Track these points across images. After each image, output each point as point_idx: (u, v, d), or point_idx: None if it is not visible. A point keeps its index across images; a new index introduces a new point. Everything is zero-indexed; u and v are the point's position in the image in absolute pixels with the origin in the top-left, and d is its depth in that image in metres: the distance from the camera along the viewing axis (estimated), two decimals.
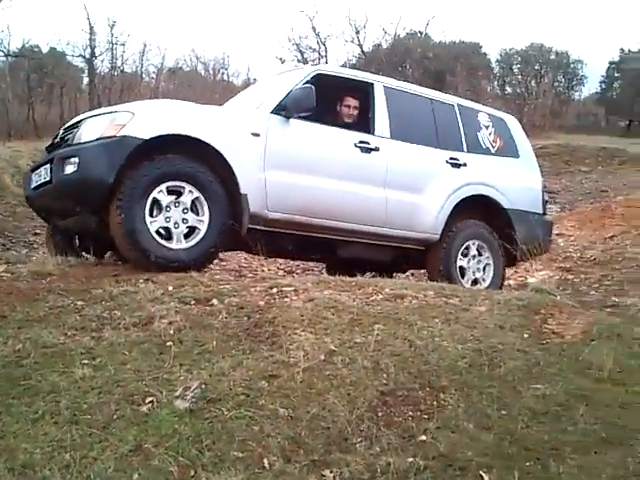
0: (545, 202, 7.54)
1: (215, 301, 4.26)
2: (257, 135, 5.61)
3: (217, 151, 5.33)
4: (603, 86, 46.93)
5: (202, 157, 5.29)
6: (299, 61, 36.29)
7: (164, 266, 4.91)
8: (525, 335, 4.06)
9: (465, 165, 6.84)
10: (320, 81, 6.10)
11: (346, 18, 35.53)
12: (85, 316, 4.10)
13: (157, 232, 5.01)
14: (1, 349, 3.76)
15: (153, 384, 3.46)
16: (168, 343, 3.80)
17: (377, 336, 3.86)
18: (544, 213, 7.49)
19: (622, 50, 46.50)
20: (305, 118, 5.91)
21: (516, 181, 7.15)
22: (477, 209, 6.82)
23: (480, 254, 6.77)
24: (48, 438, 3.15)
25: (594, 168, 20.34)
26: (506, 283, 7.31)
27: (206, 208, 5.20)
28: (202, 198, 5.20)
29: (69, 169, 5.05)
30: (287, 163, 5.73)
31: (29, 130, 22.14)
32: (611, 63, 46.93)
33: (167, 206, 5.08)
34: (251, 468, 3.00)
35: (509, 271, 7.78)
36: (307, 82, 5.99)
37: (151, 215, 5.02)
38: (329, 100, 6.47)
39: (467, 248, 6.67)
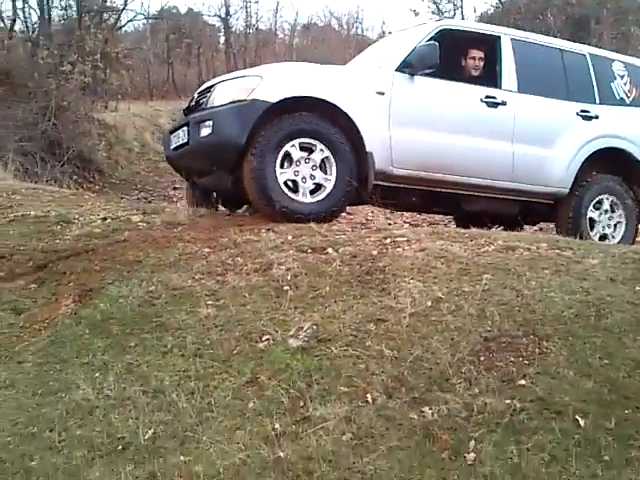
0: None
1: (330, 250, 4.48)
2: (382, 94, 5.69)
3: (343, 111, 5.47)
4: None
5: (329, 117, 5.45)
6: (433, 13, 35.45)
7: (288, 217, 5.16)
8: (637, 288, 4.03)
9: (597, 117, 6.70)
10: (444, 37, 6.11)
11: None
12: (211, 262, 4.44)
13: (285, 184, 5.25)
14: (136, 290, 4.18)
15: (270, 324, 3.75)
16: (285, 287, 4.07)
17: (485, 285, 3.96)
18: None
19: None
20: (430, 75, 5.92)
21: None
22: (611, 163, 6.72)
23: (613, 210, 6.68)
24: (176, 368, 3.53)
25: None
26: None
27: (334, 167, 5.38)
28: (331, 157, 5.37)
29: (204, 132, 5.37)
30: (412, 120, 5.78)
31: (169, 90, 23.09)
32: None
33: (297, 160, 5.31)
34: (355, 402, 3.22)
35: None
36: (431, 39, 6.00)
37: (281, 167, 5.27)
38: (454, 55, 6.48)
39: (599, 202, 6.61)
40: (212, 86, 5.78)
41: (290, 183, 5.30)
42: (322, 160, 5.37)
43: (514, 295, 3.89)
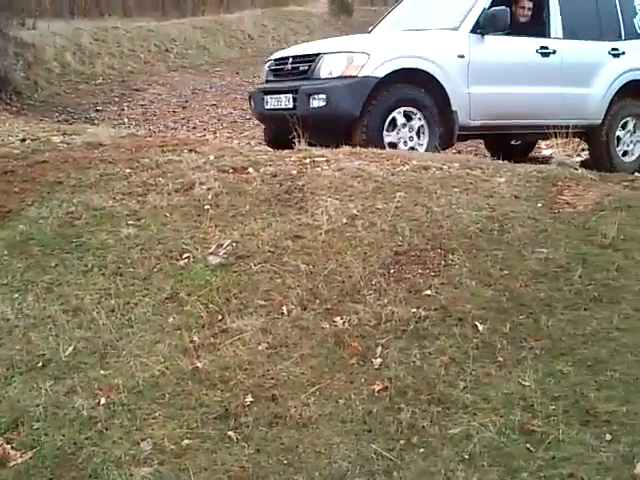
0: None
1: (251, 169, 4.59)
2: (462, 57, 6.32)
3: (435, 78, 6.12)
4: None
5: (424, 85, 6.10)
6: None
7: None
8: (539, 205, 4.28)
9: (624, 53, 7.40)
10: None
11: None
12: (132, 182, 4.50)
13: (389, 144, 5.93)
14: (56, 211, 4.23)
15: (190, 242, 3.87)
16: (206, 207, 4.18)
17: (397, 203, 4.15)
18: None
19: None
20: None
21: None
22: (634, 90, 7.45)
23: (635, 131, 7.58)
24: (96, 287, 3.63)
25: None
26: None
27: (427, 131, 6.10)
28: (425, 123, 6.09)
29: (316, 103, 5.94)
30: (485, 77, 6.42)
31: (91, 6, 22.25)
32: None
33: (400, 126, 6.00)
34: (271, 314, 3.40)
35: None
36: None
37: (387, 131, 5.95)
38: (508, 3, 6.94)
39: (625, 123, 7.50)
40: (315, 55, 6.26)
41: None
42: (418, 126, 6.09)
43: (424, 212, 4.09)
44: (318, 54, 6.24)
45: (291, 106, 6.17)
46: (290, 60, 6.58)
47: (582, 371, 3.20)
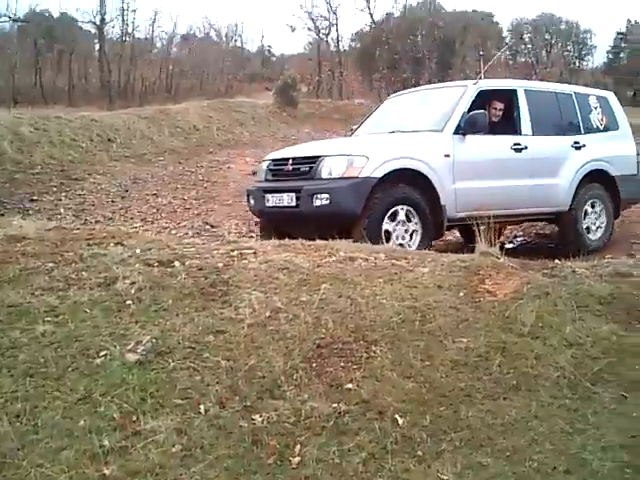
0: (638, 164, 9.06)
1: (177, 263, 4.54)
2: (448, 156, 7.05)
3: (426, 177, 6.82)
4: (610, 56, 47.23)
5: (417, 183, 6.78)
6: (310, 29, 36.24)
7: None
8: (460, 294, 4.33)
9: (584, 146, 8.37)
10: (480, 95, 7.61)
11: None
12: (54, 277, 4.39)
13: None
14: None
15: (108, 339, 3.77)
16: (127, 302, 4.09)
17: (322, 295, 4.14)
18: (638, 173, 9.02)
19: (629, 21, 46.70)
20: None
21: (619, 151, 8.76)
22: (595, 177, 8.43)
23: (599, 212, 8.52)
24: (3, 390, 3.41)
25: None
26: None
27: (419, 225, 6.76)
28: (418, 218, 6.75)
29: (319, 202, 6.51)
30: (468, 173, 7.14)
31: (36, 96, 22.37)
32: (618, 33, 47.20)
33: (397, 223, 6.67)
34: (188, 413, 3.30)
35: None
36: (474, 100, 7.46)
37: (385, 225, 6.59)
38: (484, 106, 7.83)
39: (591, 205, 8.45)
40: (315, 157, 6.83)
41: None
42: (411, 222, 6.76)
43: (348, 303, 4.09)
44: (319, 156, 6.80)
45: (294, 204, 6.75)
46: (291, 161, 7.11)
47: (501, 462, 3.20)
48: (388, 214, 6.60)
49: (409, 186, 6.75)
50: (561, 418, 3.49)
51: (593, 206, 8.51)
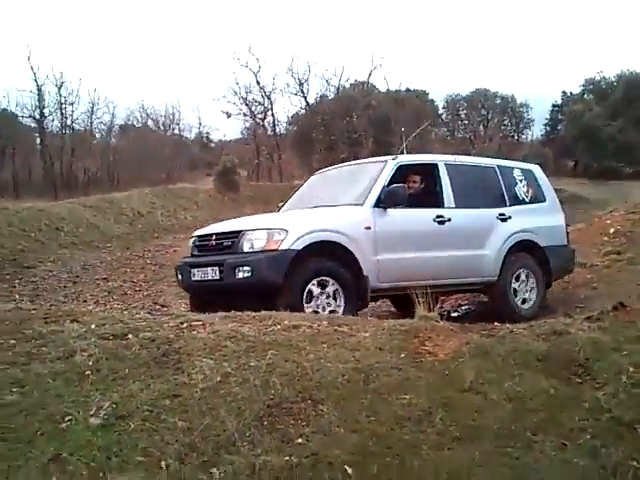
0: (567, 234, 9.41)
1: (130, 336, 4.81)
2: (369, 228, 7.24)
3: (347, 249, 6.99)
4: (548, 128, 48.35)
5: (337, 255, 6.95)
6: (245, 115, 36.99)
7: None
8: (402, 355, 4.68)
9: (510, 218, 8.58)
10: (400, 169, 7.88)
11: (289, 71, 36.37)
12: (16, 352, 4.61)
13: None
14: None
15: (72, 405, 4.00)
16: (87, 372, 4.34)
17: (269, 360, 4.45)
18: (568, 243, 9.40)
19: (564, 92, 48.14)
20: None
21: (546, 222, 8.98)
22: (523, 248, 8.65)
23: (528, 281, 8.71)
24: None
25: None
26: None
27: (343, 296, 6.88)
28: (340, 289, 6.87)
29: (241, 275, 6.69)
30: (390, 245, 7.34)
31: None
32: (554, 106, 48.45)
33: (317, 295, 6.81)
34: (150, 469, 3.55)
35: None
36: (394, 174, 7.69)
37: (307, 302, 6.74)
38: (405, 180, 8.11)
39: (518, 276, 8.61)
40: (237, 232, 7.05)
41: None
42: (334, 292, 6.88)
43: (295, 367, 4.40)
44: (240, 231, 7.01)
45: (217, 277, 6.91)
46: (214, 237, 7.31)
47: None
48: (309, 285, 6.76)
49: (330, 258, 6.94)
50: (503, 465, 3.79)
51: (523, 276, 8.65)
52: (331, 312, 6.73)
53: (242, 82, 37.43)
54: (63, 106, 34.49)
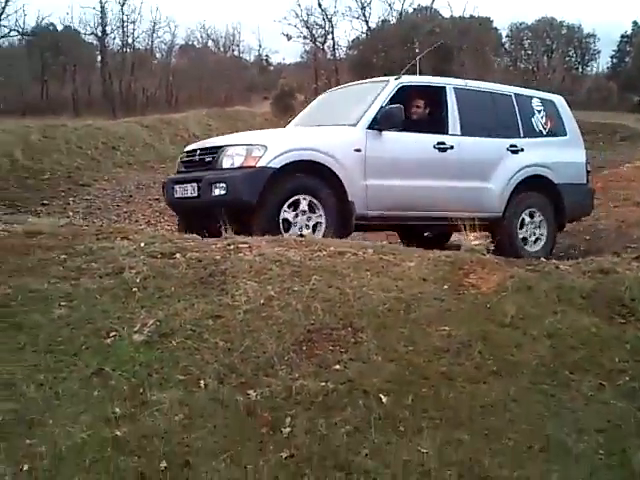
0: (588, 172, 8.71)
1: (178, 255, 4.88)
2: (359, 150, 6.80)
3: (331, 170, 6.58)
4: (615, 61, 46.34)
5: (320, 174, 6.56)
6: (305, 37, 36.44)
7: None
8: (445, 286, 4.65)
9: (522, 150, 7.95)
10: (403, 91, 7.33)
11: None
12: (67, 267, 4.74)
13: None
14: None
15: (117, 322, 4.11)
16: (134, 289, 4.44)
17: (313, 285, 4.47)
18: (587, 182, 8.70)
19: (635, 23, 45.88)
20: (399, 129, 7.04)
21: (564, 158, 8.30)
22: (534, 184, 8.02)
23: (532, 217, 8.05)
24: (27, 363, 3.81)
25: (594, 144, 20.57)
26: None
27: (324, 219, 6.54)
28: (322, 211, 6.52)
29: (217, 192, 6.37)
30: (382, 170, 6.89)
31: (43, 107, 22.79)
32: (623, 36, 46.27)
33: (296, 214, 6.47)
34: (189, 387, 3.64)
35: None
36: (393, 95, 7.16)
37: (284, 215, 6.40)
38: (410, 106, 7.64)
39: (527, 213, 8.00)
40: (218, 147, 6.74)
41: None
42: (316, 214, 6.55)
43: (337, 293, 4.42)
44: (221, 146, 6.72)
45: (196, 195, 6.63)
46: (198, 152, 7.05)
47: (478, 439, 3.51)
48: (287, 203, 6.43)
49: (313, 178, 6.57)
50: (538, 402, 3.80)
51: (531, 215, 8.06)
52: (301, 236, 6.27)
53: (304, 4, 36.84)
54: (125, 24, 34.51)
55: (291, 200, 6.43)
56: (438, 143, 7.32)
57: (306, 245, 5.14)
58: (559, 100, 8.85)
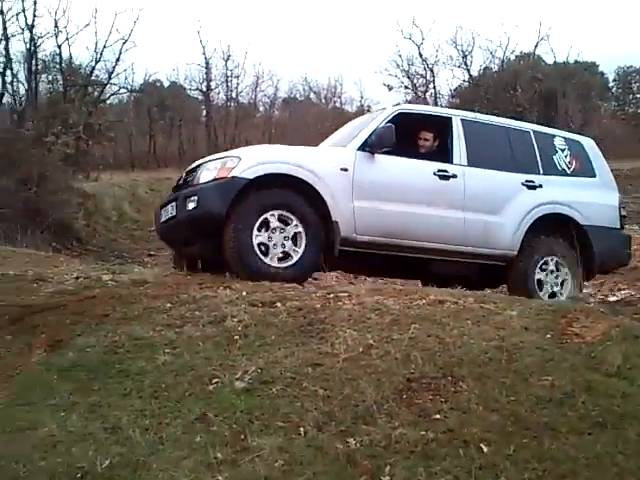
0: (623, 217, 7.93)
1: (279, 304, 4.98)
2: (345, 170, 6.44)
3: (313, 187, 6.24)
4: None
5: (299, 190, 6.22)
6: (406, 87, 36.69)
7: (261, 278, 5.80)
8: (547, 335, 4.54)
9: (541, 186, 7.35)
10: (403, 119, 6.92)
11: (453, 43, 35.56)
12: (171, 315, 4.91)
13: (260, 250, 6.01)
14: (102, 340, 4.64)
15: (219, 369, 4.22)
16: (235, 337, 4.56)
17: (412, 334, 4.46)
18: (622, 227, 7.93)
19: None
20: (389, 152, 6.67)
21: (592, 199, 7.59)
22: (555, 226, 7.36)
23: (558, 270, 7.28)
24: (133, 408, 3.96)
25: None
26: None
27: (304, 238, 6.14)
28: (302, 229, 6.13)
29: (190, 205, 6.09)
30: (373, 193, 6.51)
31: (150, 161, 23.80)
32: None
33: (273, 229, 6.08)
34: (289, 434, 3.67)
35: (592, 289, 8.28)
36: (390, 121, 6.76)
37: (258, 231, 6.01)
38: (411, 134, 7.25)
39: (545, 263, 7.21)
40: (199, 166, 6.54)
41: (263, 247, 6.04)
42: (294, 233, 6.13)
43: (437, 342, 4.38)
44: (202, 163, 6.54)
45: (175, 214, 6.34)
46: (184, 173, 6.91)
47: None
48: (260, 220, 6.03)
49: (292, 194, 6.20)
50: None
51: (549, 263, 7.27)
52: (285, 255, 6.10)
53: (404, 54, 37.13)
54: (229, 79, 35.68)
55: (266, 215, 6.07)
56: (439, 170, 6.89)
57: (405, 294, 5.15)
58: (587, 141, 8.31)
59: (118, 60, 26.56)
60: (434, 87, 37.17)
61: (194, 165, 6.78)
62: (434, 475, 3.41)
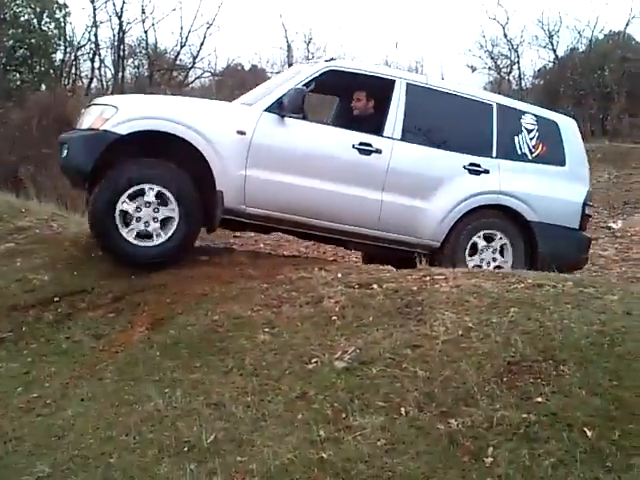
0: (586, 216, 6.84)
1: (375, 285, 5.01)
2: (242, 133, 5.68)
3: (197, 149, 5.52)
4: None
5: (179, 153, 5.56)
6: (490, 69, 36.02)
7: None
8: None
9: (487, 172, 6.38)
10: (334, 78, 6.13)
11: (539, 23, 34.61)
12: (268, 295, 5.01)
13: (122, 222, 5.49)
14: (202, 319, 4.78)
15: (318, 348, 4.29)
16: (333, 318, 4.62)
17: (511, 317, 4.41)
18: (582, 228, 6.81)
19: None
20: (304, 117, 5.93)
21: (551, 191, 6.56)
22: (496, 215, 6.44)
23: (490, 241, 6.40)
24: (235, 385, 4.08)
25: None
26: None
27: (176, 207, 5.53)
28: (172, 197, 5.51)
29: (63, 153, 5.61)
30: (273, 162, 5.76)
31: None
32: None
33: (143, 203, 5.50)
34: (390, 414, 3.71)
35: None
36: (316, 79, 5.98)
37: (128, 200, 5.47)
38: (344, 97, 6.60)
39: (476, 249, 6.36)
40: (88, 106, 6.00)
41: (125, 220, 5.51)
42: (162, 196, 5.52)
43: (537, 325, 4.32)
44: (91, 104, 5.97)
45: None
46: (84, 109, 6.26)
47: None
48: (130, 190, 5.43)
49: (169, 158, 5.53)
50: None
51: (486, 249, 6.37)
52: (162, 224, 5.54)
53: (489, 35, 36.33)
54: (310, 62, 35.68)
55: (136, 187, 5.44)
56: (361, 143, 5.97)
57: (503, 277, 5.09)
58: (565, 123, 7.01)
59: (202, 44, 27.01)
60: (519, 68, 36.28)
61: (92, 102, 6.19)
62: (537, 457, 3.39)
